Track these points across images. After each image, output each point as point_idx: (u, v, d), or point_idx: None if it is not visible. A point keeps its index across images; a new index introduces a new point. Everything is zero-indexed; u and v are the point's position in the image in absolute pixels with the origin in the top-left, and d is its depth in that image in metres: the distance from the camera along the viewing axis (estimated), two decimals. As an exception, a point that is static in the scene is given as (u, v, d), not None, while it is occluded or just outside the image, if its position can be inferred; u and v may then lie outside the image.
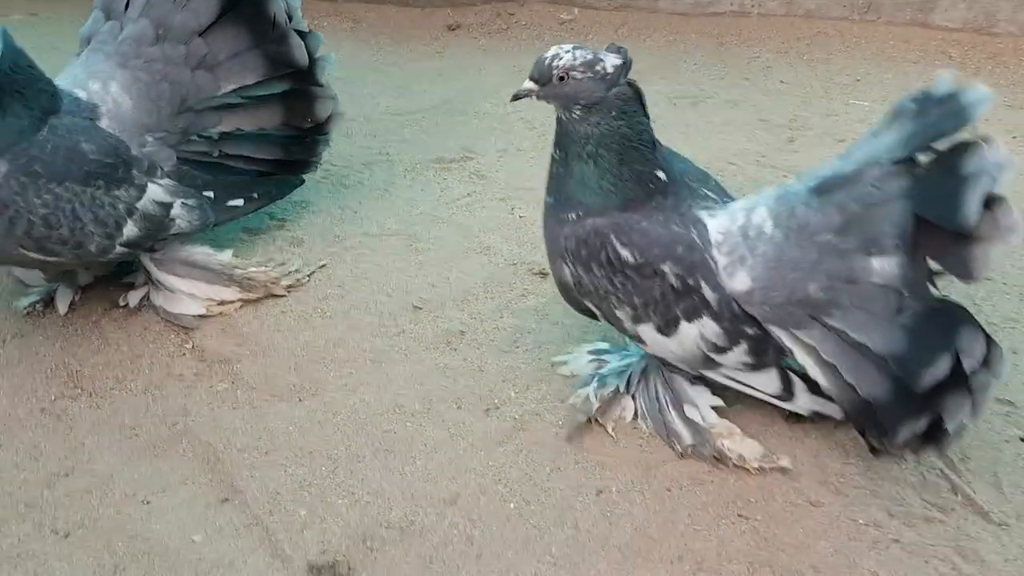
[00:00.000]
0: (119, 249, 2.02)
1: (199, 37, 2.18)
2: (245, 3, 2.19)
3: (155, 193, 2.06)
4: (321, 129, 2.36)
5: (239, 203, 2.25)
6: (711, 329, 1.75)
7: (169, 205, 2.08)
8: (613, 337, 2.07)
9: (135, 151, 2.05)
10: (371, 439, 1.89)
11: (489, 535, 1.69)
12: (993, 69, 3.20)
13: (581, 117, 1.71)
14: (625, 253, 1.74)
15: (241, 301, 2.19)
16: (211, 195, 2.18)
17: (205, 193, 2.17)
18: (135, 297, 2.18)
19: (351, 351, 2.11)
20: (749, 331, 1.75)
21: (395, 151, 2.84)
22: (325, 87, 2.32)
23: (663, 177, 1.76)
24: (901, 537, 1.68)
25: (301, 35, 2.25)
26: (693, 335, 1.76)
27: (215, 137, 2.22)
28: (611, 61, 1.70)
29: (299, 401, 1.98)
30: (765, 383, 1.80)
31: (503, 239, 2.45)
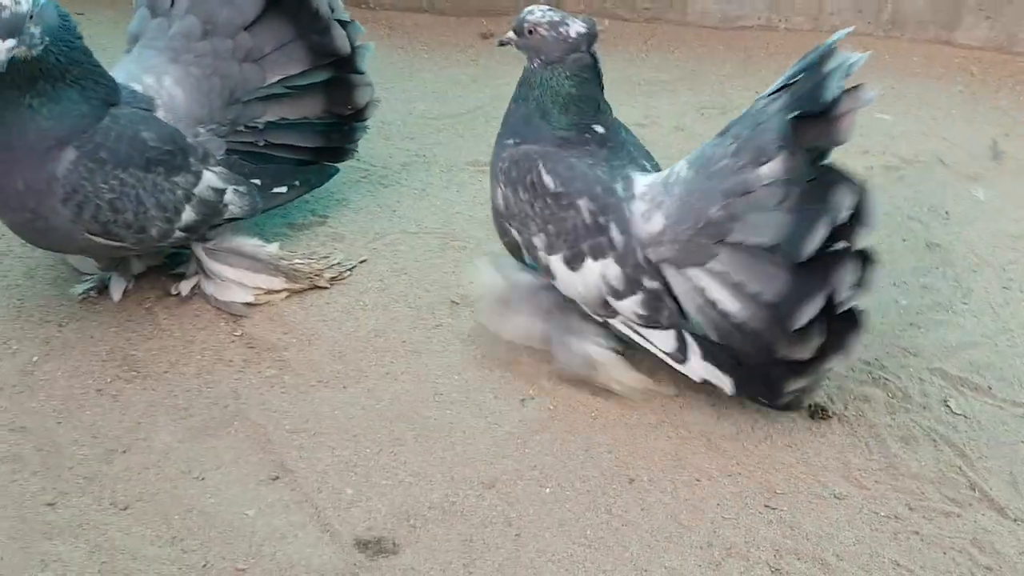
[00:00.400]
0: (178, 234, 2.10)
1: (245, 31, 2.25)
2: (296, 7, 2.27)
3: (210, 180, 2.14)
4: (360, 116, 2.44)
5: (283, 190, 2.34)
6: (612, 271, 1.91)
7: (223, 191, 2.16)
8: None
9: (190, 140, 2.14)
10: (412, 424, 1.96)
11: (526, 517, 1.77)
12: (1014, 87, 3.25)
13: (539, 68, 1.95)
14: (548, 179, 1.94)
15: (287, 291, 2.27)
16: (258, 182, 2.27)
17: (252, 181, 2.26)
18: (187, 286, 2.26)
19: (391, 342, 2.18)
20: (647, 284, 1.90)
21: (431, 153, 2.91)
22: (364, 74, 2.39)
23: (600, 131, 1.98)
24: (920, 529, 1.74)
25: (342, 24, 2.32)
26: (596, 274, 1.92)
27: (261, 127, 2.31)
28: (575, 28, 1.91)
29: (343, 388, 2.06)
30: (661, 341, 1.93)
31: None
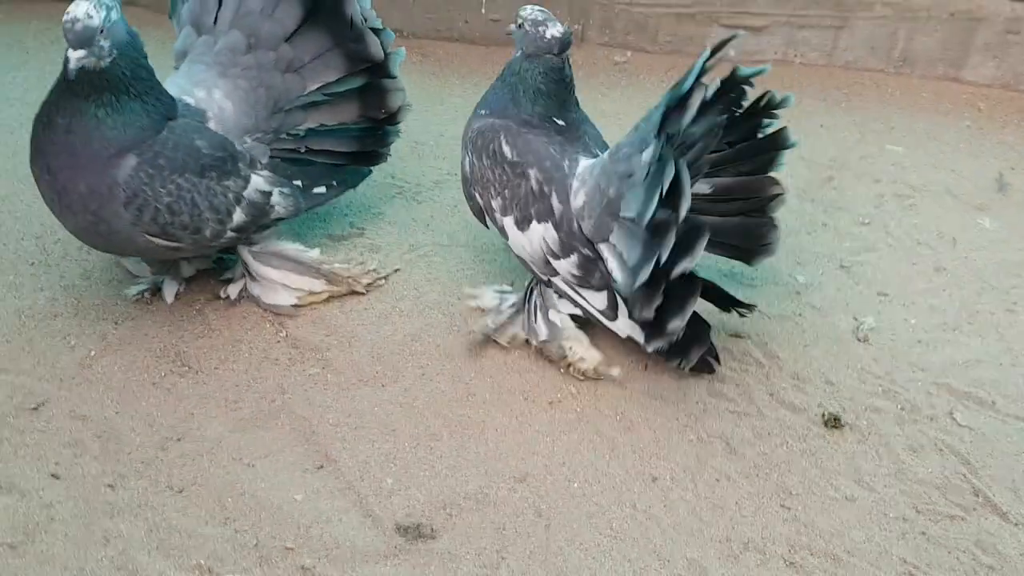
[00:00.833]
0: (229, 234, 2.20)
1: (286, 43, 2.33)
2: (324, 8, 2.34)
3: (258, 183, 2.25)
4: (392, 120, 2.52)
5: (322, 190, 2.43)
6: (551, 235, 2.14)
7: (269, 193, 2.27)
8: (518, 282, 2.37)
9: (239, 147, 2.24)
10: (447, 421, 2.07)
11: (556, 509, 1.86)
12: (1019, 123, 3.35)
13: (520, 58, 2.19)
14: (506, 149, 2.18)
15: (328, 294, 2.37)
16: (300, 184, 2.36)
17: (295, 182, 2.35)
18: (235, 290, 2.36)
19: (426, 345, 2.28)
20: (580, 248, 2.12)
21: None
22: (397, 79, 2.47)
23: (560, 123, 2.20)
24: (927, 530, 1.84)
25: (375, 32, 2.39)
26: (539, 235, 2.16)
27: (302, 134, 2.39)
28: (551, 31, 2.16)
29: (382, 386, 2.16)
30: (595, 300, 2.16)
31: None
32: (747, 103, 2.05)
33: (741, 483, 1.93)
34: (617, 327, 2.15)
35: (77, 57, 1.87)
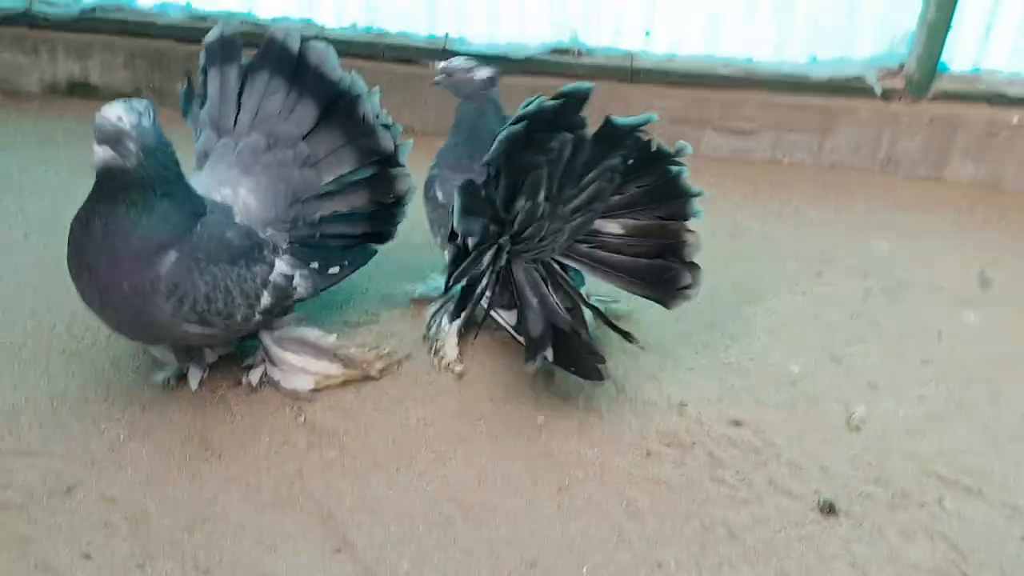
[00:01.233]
0: (257, 317, 2.30)
1: (303, 141, 2.44)
2: (338, 110, 2.45)
3: (281, 267, 2.35)
4: (400, 202, 2.58)
5: (336, 270, 2.50)
6: None
7: (291, 276, 2.37)
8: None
9: (263, 235, 2.35)
10: (460, 506, 2.14)
11: (566, 592, 1.93)
12: (999, 221, 3.50)
13: (460, 104, 2.59)
14: (439, 194, 2.63)
15: (344, 378, 2.47)
16: (316, 265, 2.45)
17: (311, 265, 2.44)
18: (256, 375, 2.45)
19: (439, 430, 2.37)
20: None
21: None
22: (404, 167, 2.55)
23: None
24: (921, 615, 1.90)
25: (385, 127, 2.49)
26: None
27: (316, 221, 2.48)
28: (481, 73, 2.53)
29: (397, 471, 2.23)
30: (509, 318, 2.46)
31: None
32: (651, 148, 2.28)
33: (743, 568, 2.00)
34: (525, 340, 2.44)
35: (100, 152, 1.98)
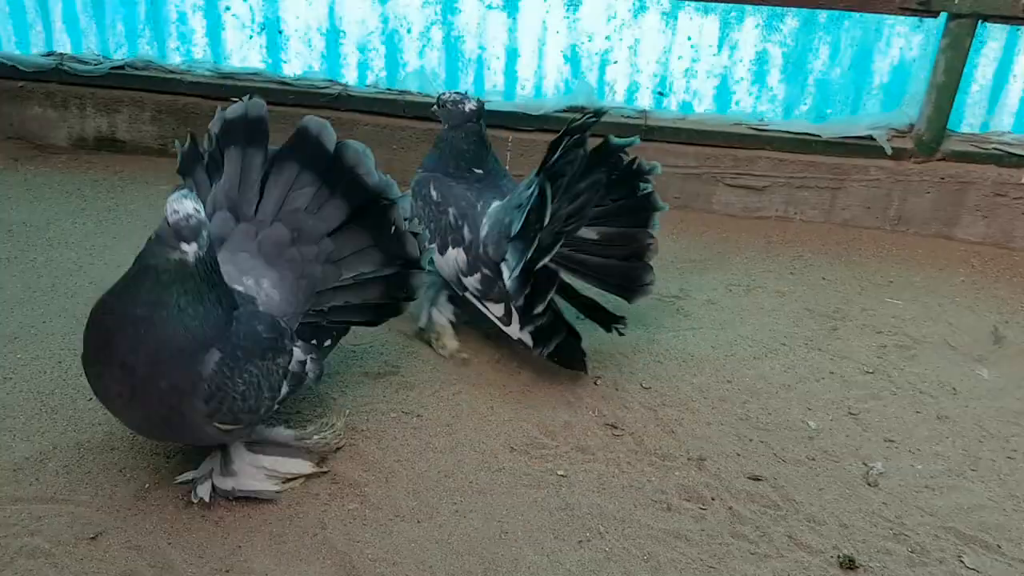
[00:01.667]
0: (274, 407, 2.23)
1: (327, 237, 2.35)
2: (369, 213, 2.37)
3: (298, 354, 2.28)
4: (411, 296, 2.52)
5: (329, 343, 2.43)
6: (462, 257, 2.78)
7: (305, 362, 2.31)
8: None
9: (284, 324, 2.27)
10: (481, 559, 2.13)
11: (588, 646, 1.92)
12: (1011, 278, 3.53)
13: (447, 130, 2.89)
14: (434, 193, 2.85)
15: (312, 471, 2.35)
16: (315, 342, 2.38)
17: (312, 342, 2.37)
18: (204, 489, 2.24)
19: (459, 482, 2.37)
20: (483, 268, 2.73)
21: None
22: (423, 269, 2.51)
23: (479, 172, 2.88)
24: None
25: (413, 234, 2.44)
26: (453, 257, 2.80)
27: (327, 310, 2.41)
28: (469, 105, 2.86)
29: (418, 522, 2.24)
30: (495, 310, 2.77)
31: (587, 394, 2.74)
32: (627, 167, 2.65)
33: (763, 620, 1.99)
34: (510, 331, 2.75)
35: (194, 251, 1.88)
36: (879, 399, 2.77)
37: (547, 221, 2.48)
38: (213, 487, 2.24)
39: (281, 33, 4.10)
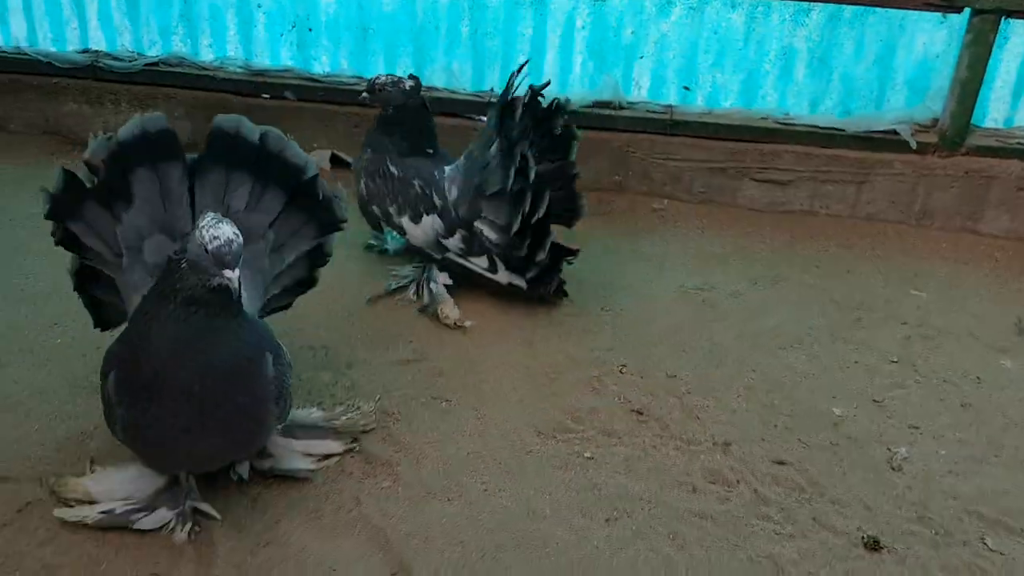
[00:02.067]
0: None
1: (269, 228, 2.29)
2: (302, 191, 2.32)
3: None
4: (325, 262, 2.46)
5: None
6: (437, 222, 3.07)
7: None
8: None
9: None
10: (511, 535, 2.19)
11: (616, 619, 1.97)
12: (1033, 272, 3.57)
13: (391, 113, 3.09)
14: (393, 169, 3.10)
15: (344, 451, 2.43)
16: None
17: None
18: (244, 468, 2.31)
19: (488, 464, 2.43)
20: (460, 229, 3.04)
21: (513, 307, 3.22)
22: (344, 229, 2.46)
23: (430, 151, 3.14)
24: None
25: (336, 197, 2.39)
26: (429, 224, 3.07)
27: (271, 298, 2.36)
28: (408, 83, 3.06)
29: (448, 500, 2.30)
30: (480, 262, 3.08)
31: (613, 381, 2.79)
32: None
33: (791, 594, 2.03)
34: (498, 278, 3.08)
35: (237, 277, 1.83)
36: (903, 387, 2.81)
37: (532, 178, 2.88)
38: (251, 467, 2.31)
39: (311, 31, 4.18)
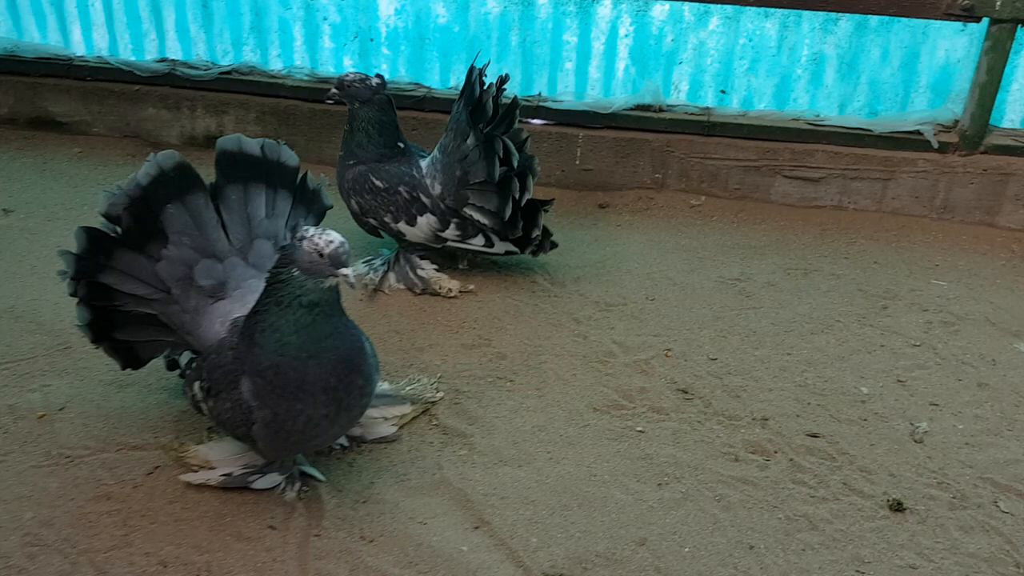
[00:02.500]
0: None
1: (284, 227, 2.47)
2: (300, 190, 2.52)
3: None
4: None
5: None
6: (432, 219, 3.33)
7: None
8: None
9: None
10: (575, 496, 2.46)
11: (672, 568, 2.23)
12: (1048, 262, 3.78)
13: (358, 108, 3.27)
14: (378, 183, 3.32)
15: (415, 412, 2.72)
16: None
17: None
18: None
19: (551, 435, 2.70)
20: (452, 218, 3.33)
21: (568, 295, 3.50)
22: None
23: (402, 146, 3.36)
24: None
25: (320, 186, 2.60)
26: (425, 223, 3.33)
27: None
28: (375, 81, 3.25)
29: (518, 466, 2.57)
30: (477, 242, 3.38)
31: (659, 364, 3.05)
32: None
33: (823, 552, 2.29)
34: (495, 250, 3.41)
35: (352, 272, 2.05)
36: (925, 368, 3.05)
37: (516, 164, 3.22)
38: (348, 436, 2.60)
39: (372, 40, 4.46)
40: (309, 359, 2.08)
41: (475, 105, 3.23)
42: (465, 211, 3.33)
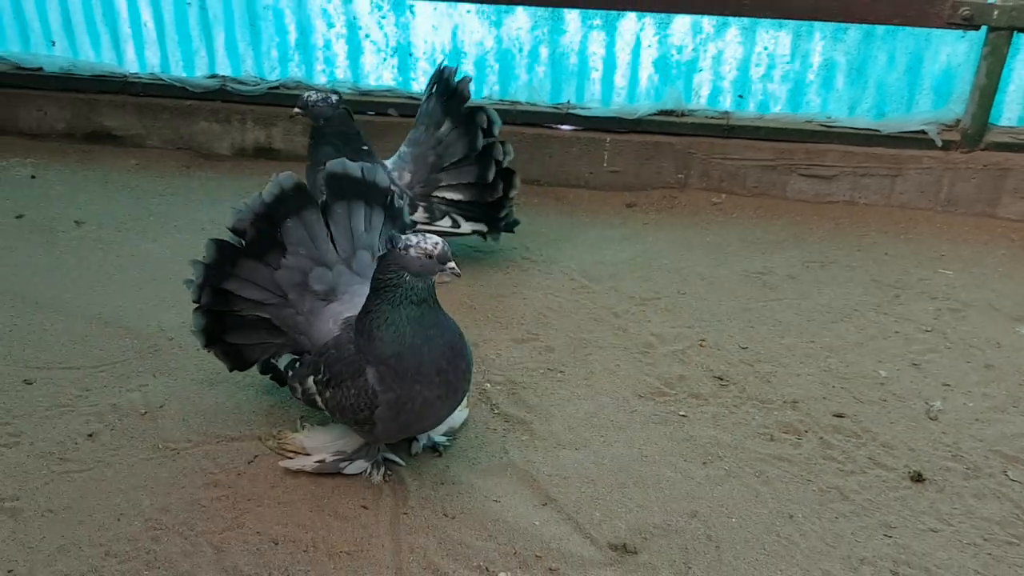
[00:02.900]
0: None
1: (379, 240, 2.67)
2: (389, 208, 2.72)
3: None
4: None
5: None
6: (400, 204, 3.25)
7: None
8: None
9: None
10: (630, 475, 2.69)
11: (722, 536, 2.46)
12: (1047, 251, 4.00)
13: (323, 125, 3.49)
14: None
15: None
16: None
17: None
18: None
19: (603, 421, 2.93)
20: (420, 203, 3.62)
21: (605, 291, 3.73)
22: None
23: (366, 148, 3.52)
24: (992, 552, 2.40)
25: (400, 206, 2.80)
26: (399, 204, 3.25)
27: None
28: (334, 98, 3.50)
29: (576, 449, 2.80)
30: (444, 223, 3.62)
31: (695, 354, 3.28)
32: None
33: (854, 520, 2.52)
34: (463, 230, 3.63)
35: (456, 264, 2.28)
36: (936, 352, 3.28)
37: (496, 133, 3.57)
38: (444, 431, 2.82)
39: (411, 55, 4.67)
40: (423, 345, 2.29)
41: (450, 94, 3.57)
42: (435, 195, 3.62)
